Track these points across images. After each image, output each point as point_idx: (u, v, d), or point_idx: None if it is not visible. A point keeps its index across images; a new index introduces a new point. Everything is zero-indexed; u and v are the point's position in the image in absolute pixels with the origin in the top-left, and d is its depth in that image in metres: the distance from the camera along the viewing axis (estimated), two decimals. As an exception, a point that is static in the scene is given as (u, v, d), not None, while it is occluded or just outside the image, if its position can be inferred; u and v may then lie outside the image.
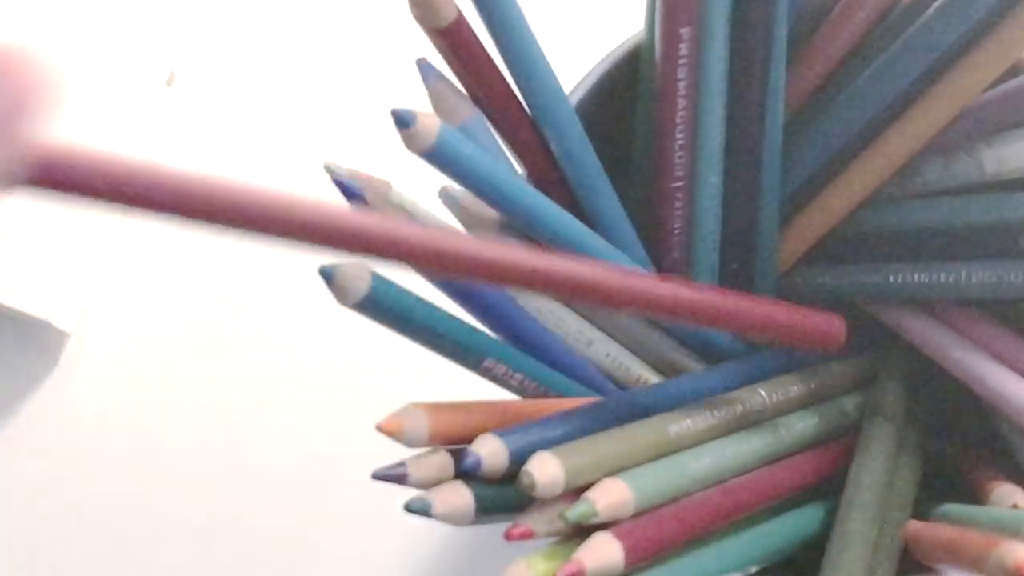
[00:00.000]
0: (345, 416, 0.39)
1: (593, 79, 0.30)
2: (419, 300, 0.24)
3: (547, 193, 0.26)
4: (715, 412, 0.26)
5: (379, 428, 0.22)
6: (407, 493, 0.22)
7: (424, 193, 0.26)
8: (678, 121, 0.27)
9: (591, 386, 0.27)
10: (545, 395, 0.26)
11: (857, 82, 0.28)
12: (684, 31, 0.26)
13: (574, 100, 0.29)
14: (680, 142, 0.28)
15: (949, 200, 0.28)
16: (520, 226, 0.26)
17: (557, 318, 0.27)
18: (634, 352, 0.29)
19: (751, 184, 0.29)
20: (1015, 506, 0.26)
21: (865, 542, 0.25)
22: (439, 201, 0.26)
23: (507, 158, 0.27)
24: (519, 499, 0.23)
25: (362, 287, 0.22)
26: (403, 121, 0.22)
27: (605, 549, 0.22)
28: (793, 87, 0.29)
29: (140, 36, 0.42)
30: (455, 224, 0.26)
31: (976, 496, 0.27)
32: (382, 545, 0.38)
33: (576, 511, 0.22)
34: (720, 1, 0.26)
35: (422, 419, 0.23)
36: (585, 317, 0.28)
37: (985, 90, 0.27)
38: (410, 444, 0.23)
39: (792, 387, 0.28)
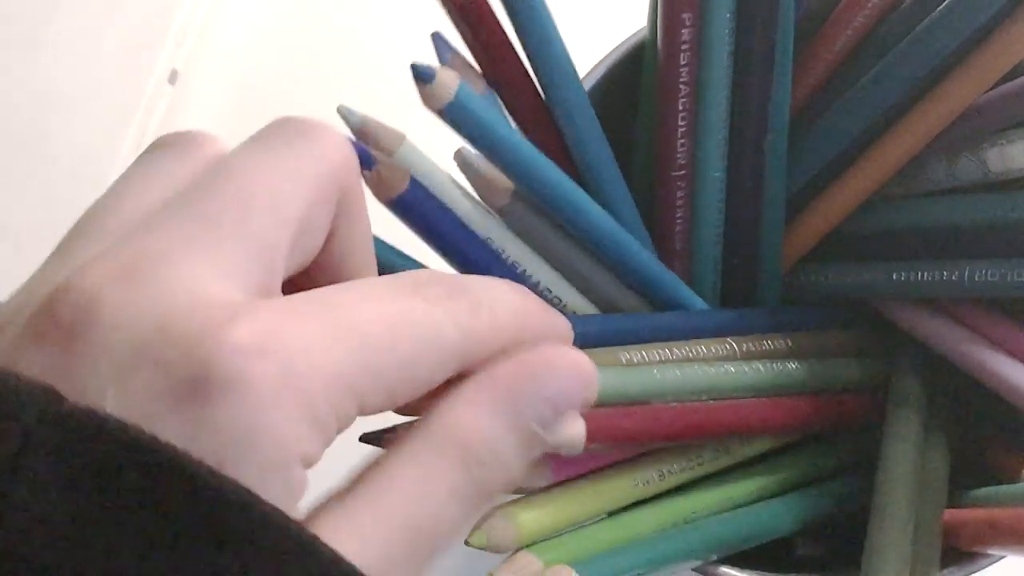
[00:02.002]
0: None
1: (603, 70, 0.29)
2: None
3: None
4: (673, 350, 0.26)
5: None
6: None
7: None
8: (680, 108, 0.27)
9: None
10: None
11: (862, 80, 0.28)
12: (686, 16, 0.26)
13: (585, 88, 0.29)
14: (682, 129, 0.27)
15: (953, 199, 0.28)
16: (531, 194, 0.25)
17: (554, 295, 0.27)
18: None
19: (755, 180, 0.29)
20: None
21: (904, 528, 0.25)
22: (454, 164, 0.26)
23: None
24: None
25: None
26: (423, 76, 0.22)
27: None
28: (798, 83, 0.29)
29: (143, 35, 0.42)
30: (468, 187, 0.26)
31: (1003, 481, 0.27)
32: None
33: None
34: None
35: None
36: (588, 298, 0.28)
37: (989, 89, 0.27)
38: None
39: (766, 342, 0.28)
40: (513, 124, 0.26)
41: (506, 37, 0.25)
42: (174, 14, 0.42)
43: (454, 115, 0.23)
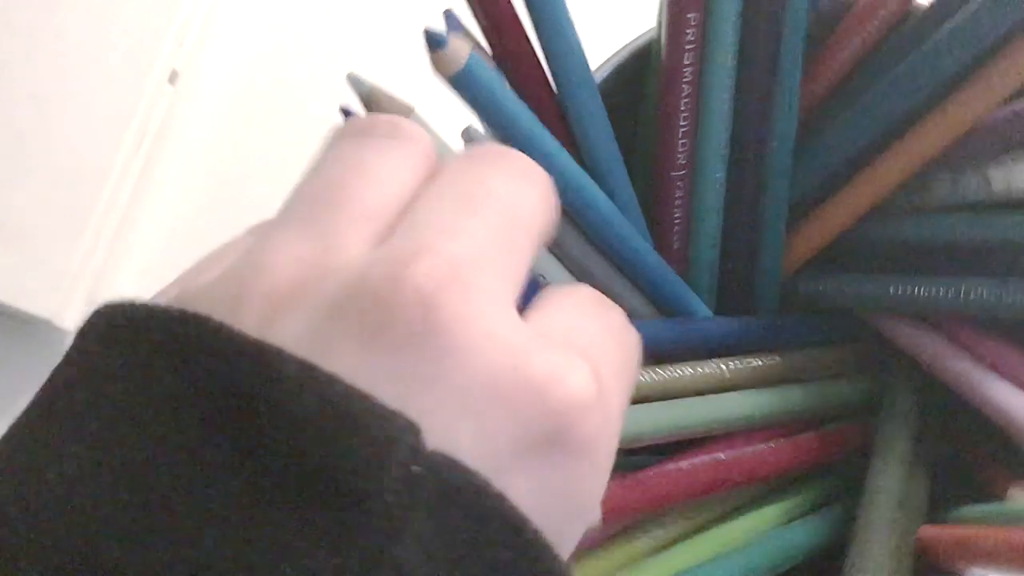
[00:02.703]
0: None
1: (611, 67, 0.29)
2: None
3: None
4: (659, 372, 0.26)
5: None
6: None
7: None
8: (682, 108, 0.27)
9: None
10: None
11: (871, 91, 0.28)
12: (691, 16, 0.26)
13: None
14: (684, 129, 0.27)
15: (953, 216, 0.28)
16: None
17: (546, 283, 0.27)
18: None
19: (756, 184, 0.29)
20: None
21: (885, 543, 0.25)
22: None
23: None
24: None
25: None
26: (435, 42, 0.22)
27: None
28: (806, 90, 0.29)
29: (143, 35, 0.42)
30: None
31: (989, 498, 0.27)
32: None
33: None
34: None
35: None
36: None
37: (995, 108, 0.27)
38: None
39: (757, 361, 0.28)
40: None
41: (519, 22, 0.25)
42: (174, 14, 0.42)
43: (463, 83, 0.22)
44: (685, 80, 0.27)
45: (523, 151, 0.24)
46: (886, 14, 0.28)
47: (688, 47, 0.26)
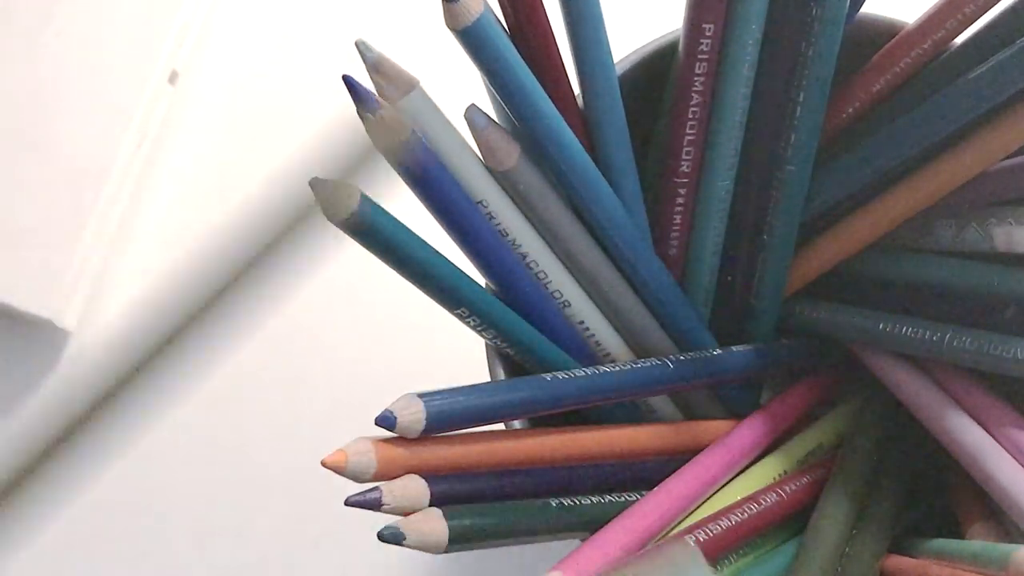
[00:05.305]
0: (348, 426, 0.39)
1: (636, 59, 0.29)
2: (407, 230, 0.23)
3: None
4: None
5: (323, 464, 0.22)
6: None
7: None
8: (689, 117, 0.27)
9: (568, 352, 0.27)
10: (510, 355, 0.26)
11: (888, 127, 0.28)
12: (707, 27, 0.26)
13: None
14: (689, 138, 0.27)
15: (951, 262, 0.28)
16: (535, 146, 0.25)
17: (540, 269, 0.27)
18: (616, 328, 0.28)
19: (762, 203, 0.29)
20: None
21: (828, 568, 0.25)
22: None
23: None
24: (495, 528, 0.23)
25: (351, 205, 0.22)
26: None
27: None
28: (828, 117, 0.29)
29: (143, 35, 0.42)
30: (471, 145, 0.25)
31: (966, 530, 0.27)
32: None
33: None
34: (754, 6, 0.26)
35: (369, 454, 0.23)
36: (574, 277, 0.27)
37: (1006, 158, 0.27)
38: (356, 479, 0.23)
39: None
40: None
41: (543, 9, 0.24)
42: (174, 14, 0.42)
43: (472, 39, 0.22)
44: (695, 90, 0.27)
45: (525, 119, 0.24)
46: (920, 52, 0.28)
47: (701, 56, 0.26)
